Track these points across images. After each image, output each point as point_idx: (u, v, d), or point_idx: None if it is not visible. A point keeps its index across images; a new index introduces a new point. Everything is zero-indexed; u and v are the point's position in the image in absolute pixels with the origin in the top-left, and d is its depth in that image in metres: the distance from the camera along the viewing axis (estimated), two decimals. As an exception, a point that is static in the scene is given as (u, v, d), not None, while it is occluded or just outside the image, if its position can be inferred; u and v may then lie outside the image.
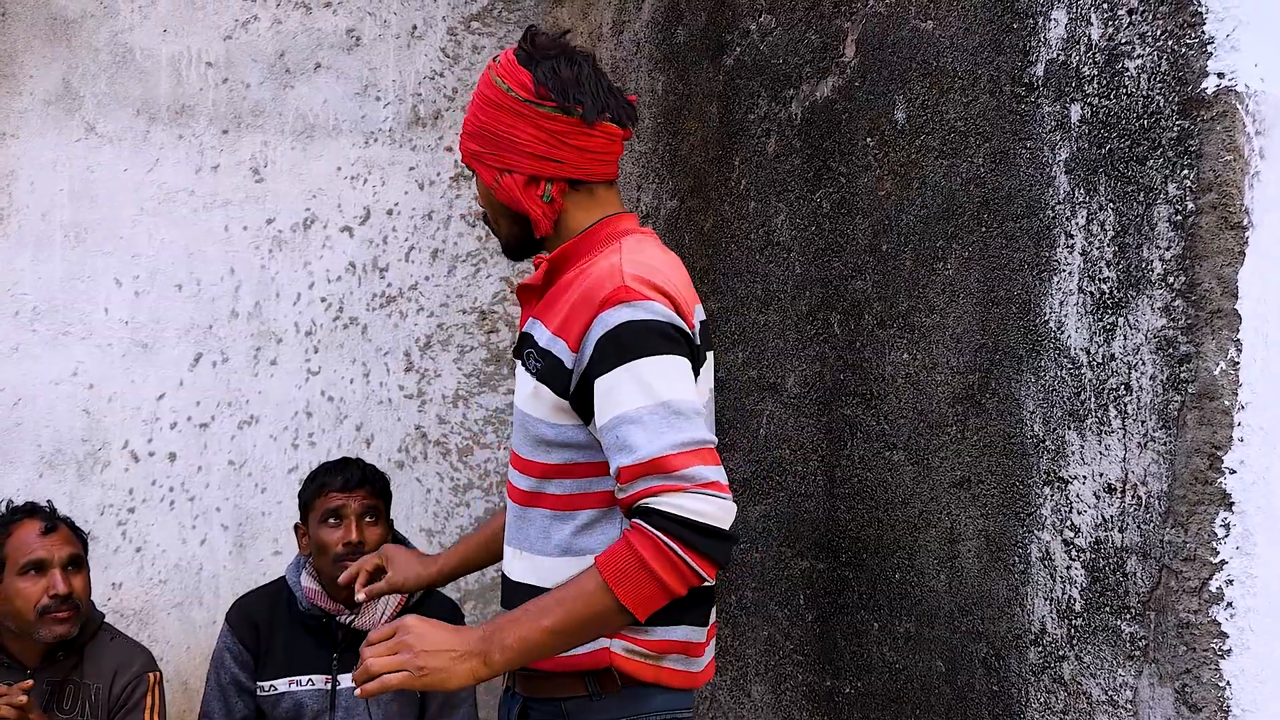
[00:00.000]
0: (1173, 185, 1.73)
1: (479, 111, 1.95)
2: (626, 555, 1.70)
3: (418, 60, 3.91)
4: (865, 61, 2.42)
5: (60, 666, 2.68)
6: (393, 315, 3.88)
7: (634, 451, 1.71)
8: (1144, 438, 1.77)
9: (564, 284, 1.90)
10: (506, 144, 1.91)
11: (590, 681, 1.88)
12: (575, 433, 1.85)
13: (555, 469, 1.88)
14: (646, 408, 1.73)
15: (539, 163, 1.90)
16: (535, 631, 1.73)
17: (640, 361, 1.75)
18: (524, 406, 1.90)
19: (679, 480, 1.70)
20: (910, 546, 2.26)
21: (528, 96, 1.90)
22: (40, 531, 2.65)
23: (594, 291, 1.80)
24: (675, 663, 1.92)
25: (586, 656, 1.86)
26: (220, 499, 3.73)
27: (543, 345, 1.87)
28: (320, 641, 2.90)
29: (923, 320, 2.24)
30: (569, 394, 1.82)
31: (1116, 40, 1.83)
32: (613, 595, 1.70)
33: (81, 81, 3.62)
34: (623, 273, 1.81)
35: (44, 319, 3.59)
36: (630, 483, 1.72)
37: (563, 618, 1.72)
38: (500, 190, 1.92)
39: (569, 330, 1.82)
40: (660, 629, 1.89)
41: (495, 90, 1.93)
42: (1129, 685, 1.79)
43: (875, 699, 2.35)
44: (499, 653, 1.73)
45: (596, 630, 1.77)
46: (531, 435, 1.89)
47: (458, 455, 3.92)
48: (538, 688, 1.92)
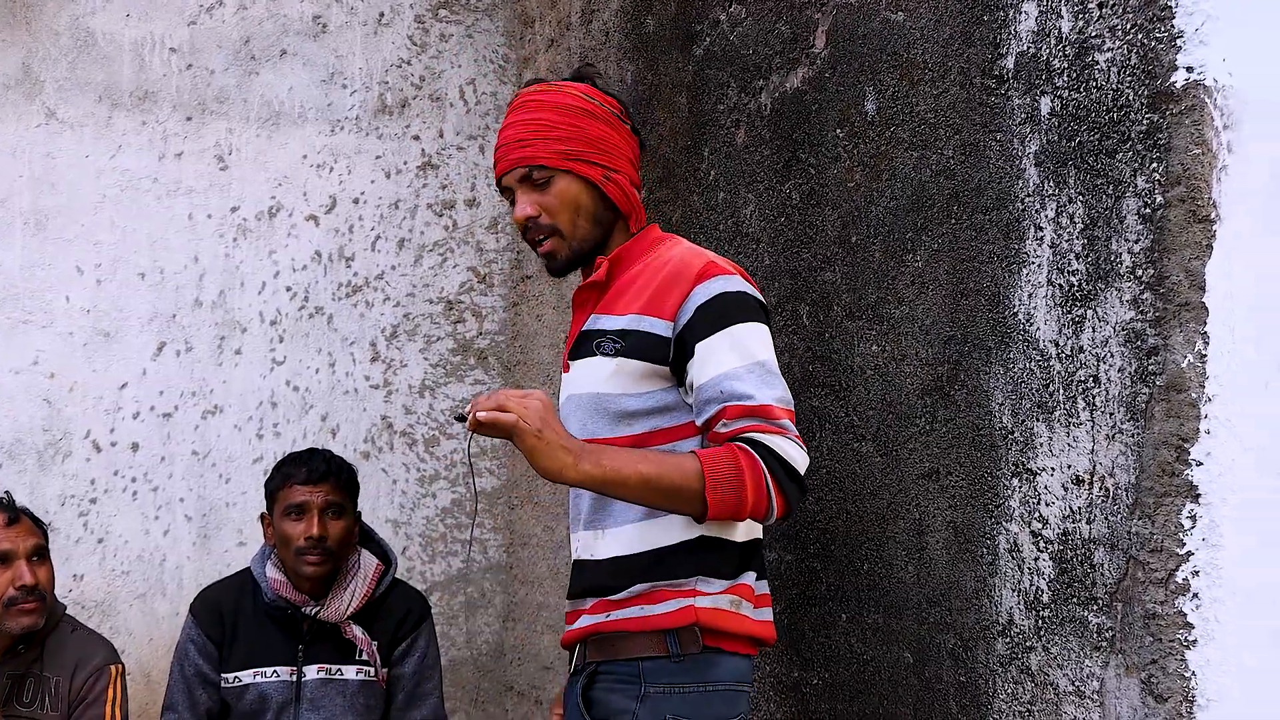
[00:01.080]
0: (1141, 178, 1.74)
1: (577, 119, 2.08)
2: (729, 463, 1.88)
3: (385, 48, 3.88)
4: (835, 53, 2.42)
5: (21, 659, 2.66)
6: (359, 305, 3.86)
7: (743, 398, 1.91)
8: (1112, 430, 1.78)
9: (628, 280, 2.06)
10: (610, 149, 2.10)
11: (672, 641, 1.96)
12: (663, 395, 2.00)
13: (638, 439, 2.00)
14: (745, 366, 1.93)
15: (631, 169, 2.13)
16: (628, 467, 1.89)
17: (737, 327, 1.96)
18: (598, 387, 2.02)
19: (780, 427, 1.91)
20: (879, 538, 2.27)
21: (618, 113, 2.13)
22: (3, 523, 2.63)
23: (684, 270, 2.00)
24: (749, 610, 2.02)
25: (673, 614, 1.96)
26: (184, 489, 3.70)
27: (620, 328, 2.01)
28: (285, 633, 2.88)
29: (892, 312, 2.24)
30: (668, 359, 1.98)
31: (1087, 33, 1.83)
32: (703, 484, 1.88)
33: (42, 66, 3.58)
34: (707, 254, 2.05)
35: (3, 307, 3.55)
36: (736, 419, 1.91)
37: (655, 473, 1.89)
38: (610, 186, 2.09)
39: (660, 306, 1.99)
40: (736, 577, 2.01)
41: (589, 104, 2.10)
42: (1096, 676, 1.81)
43: (843, 690, 2.36)
44: (591, 465, 1.88)
45: (670, 501, 1.92)
46: (613, 412, 2.01)
47: (424, 446, 3.91)
48: (617, 649, 2.00)
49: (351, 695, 2.88)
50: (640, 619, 1.98)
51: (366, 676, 2.89)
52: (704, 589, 1.98)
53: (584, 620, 2.06)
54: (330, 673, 2.88)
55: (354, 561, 2.91)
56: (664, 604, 1.98)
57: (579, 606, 2.09)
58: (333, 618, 2.85)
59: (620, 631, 2.00)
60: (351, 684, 2.89)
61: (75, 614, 2.98)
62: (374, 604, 2.90)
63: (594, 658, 2.04)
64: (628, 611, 2.00)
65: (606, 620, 2.02)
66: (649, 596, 1.99)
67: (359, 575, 2.89)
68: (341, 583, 2.87)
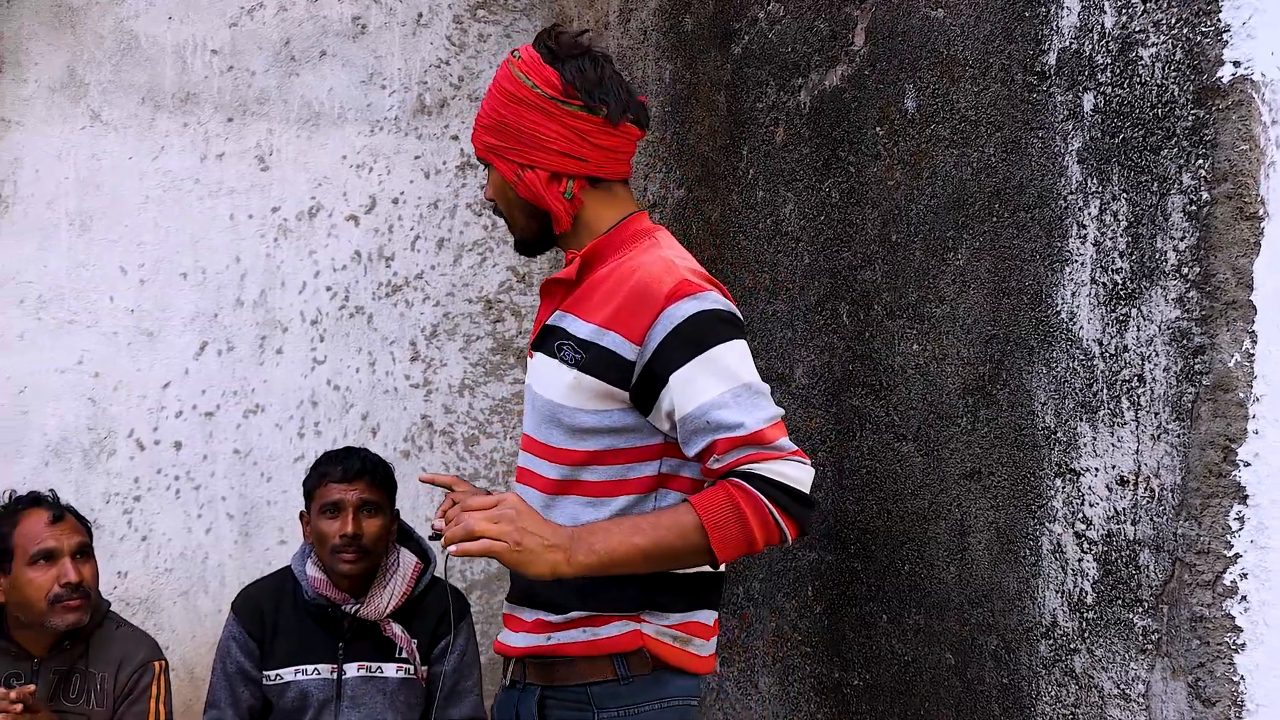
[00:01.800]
0: (1187, 175, 1.72)
1: (499, 106, 1.94)
2: (726, 505, 1.79)
3: (423, 48, 3.90)
4: (875, 50, 2.40)
5: (67, 656, 2.69)
6: (398, 304, 3.87)
7: (733, 429, 1.81)
8: (1157, 430, 1.76)
9: (598, 279, 1.93)
10: (529, 139, 1.92)
11: (620, 664, 1.90)
12: (621, 416, 1.89)
13: (593, 455, 1.90)
14: (730, 391, 1.83)
15: (562, 159, 1.93)
16: (624, 545, 1.79)
17: (715, 350, 1.84)
18: (557, 397, 1.91)
19: (774, 450, 1.82)
20: (920, 538, 2.25)
21: (554, 94, 1.91)
22: (48, 521, 2.66)
23: (653, 286, 1.86)
24: (697, 647, 1.96)
25: (620, 639, 1.89)
26: (226, 488, 3.73)
27: (583, 337, 1.89)
28: (326, 631, 2.90)
29: (933, 310, 2.23)
30: (630, 384, 1.86)
31: (1130, 28, 1.81)
32: (706, 537, 1.79)
33: (87, 69, 3.61)
34: (678, 267, 1.89)
35: (49, 307, 3.59)
36: (727, 453, 1.81)
37: (654, 541, 1.80)
38: (521, 186, 1.95)
39: (625, 324, 1.86)
40: (687, 613, 1.93)
41: (519, 86, 1.92)
42: (1141, 679, 1.79)
43: (884, 691, 2.35)
44: (584, 554, 1.78)
45: (675, 562, 1.84)
46: (566, 424, 1.91)
47: (464, 445, 3.92)
48: (563, 675, 1.92)
49: (391, 693, 2.90)
50: (584, 643, 1.91)
51: (406, 674, 2.91)
52: (650, 619, 1.91)
53: (523, 639, 1.97)
54: (370, 670, 2.90)
55: (393, 560, 2.92)
56: (608, 627, 1.90)
57: (516, 613, 2.00)
58: (372, 615, 2.86)
59: (563, 656, 1.92)
60: (391, 681, 2.90)
61: (119, 610, 3.01)
62: (413, 602, 2.91)
63: (536, 680, 1.96)
64: (569, 635, 1.92)
65: (547, 643, 1.93)
66: (592, 620, 1.91)
67: (398, 573, 2.91)
68: (381, 581, 2.89)
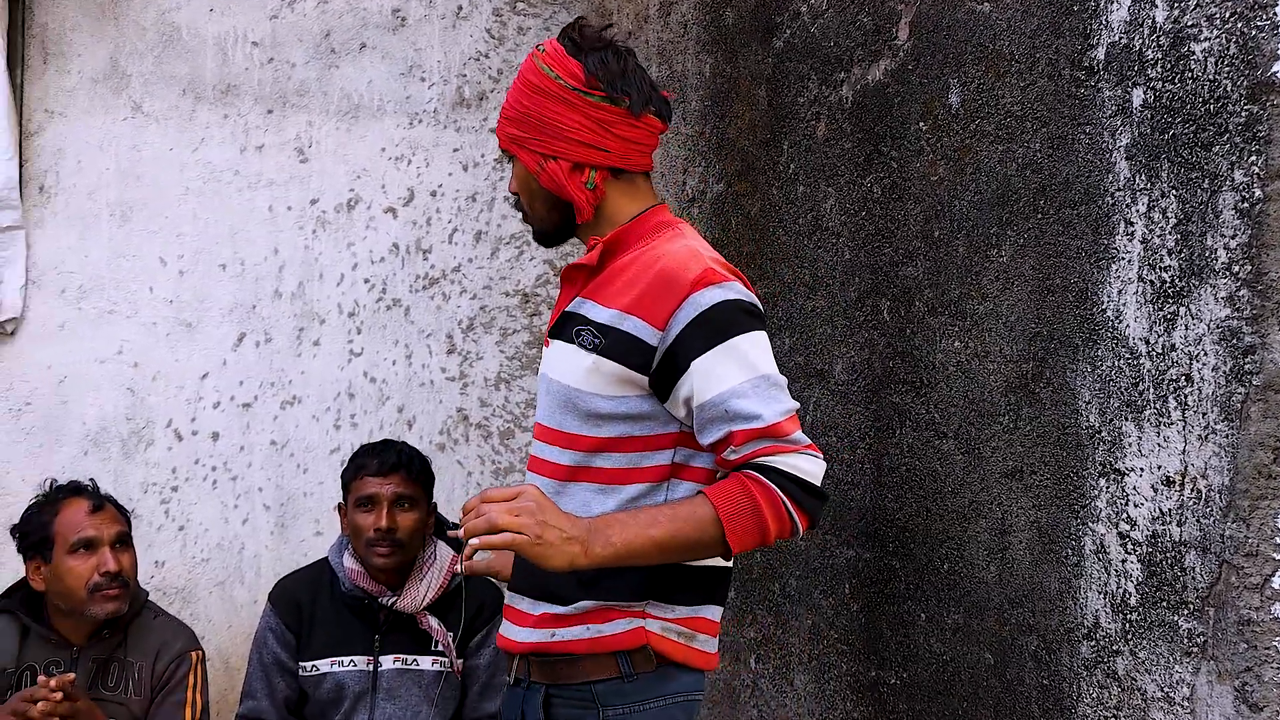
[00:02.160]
0: (1239, 172, 1.70)
1: (523, 97, 1.97)
2: (742, 497, 1.81)
3: (463, 41, 3.91)
4: (919, 44, 2.40)
5: (105, 644, 2.71)
6: (435, 297, 3.89)
7: (750, 420, 1.82)
8: (1205, 430, 1.75)
9: (620, 266, 1.94)
10: (552, 130, 1.94)
11: (624, 661, 1.90)
12: (638, 403, 1.89)
13: (607, 442, 1.91)
14: (750, 381, 1.84)
15: (585, 150, 1.95)
16: (640, 538, 1.80)
17: (737, 339, 1.85)
18: (573, 381, 1.92)
19: (790, 443, 1.84)
20: (960, 537, 2.25)
21: (577, 85, 1.93)
22: (88, 510, 2.68)
23: (678, 273, 1.87)
24: (701, 643, 1.96)
25: (624, 636, 1.90)
26: (263, 479, 3.76)
27: (603, 322, 1.90)
28: (363, 622, 2.91)
29: (975, 307, 2.22)
30: (650, 369, 1.87)
31: (1182, 23, 1.80)
32: (721, 529, 1.80)
33: (129, 60, 3.64)
34: (704, 256, 1.91)
35: (89, 297, 3.62)
36: (744, 444, 1.83)
37: (670, 533, 1.80)
38: (544, 176, 1.97)
39: (648, 309, 1.87)
40: (693, 607, 1.93)
41: (542, 77, 1.95)
42: (1186, 682, 1.77)
43: (922, 691, 2.34)
44: (601, 546, 1.78)
45: (689, 553, 1.85)
46: (581, 410, 1.91)
47: (499, 438, 3.93)
48: (567, 674, 1.92)
49: (427, 685, 2.91)
50: (588, 640, 1.90)
51: (442, 667, 2.92)
52: (655, 613, 1.91)
53: (527, 635, 1.96)
54: (406, 663, 2.91)
55: (430, 553, 2.93)
56: (613, 623, 1.90)
57: (519, 604, 1.99)
58: (409, 608, 2.87)
59: (566, 654, 1.92)
60: (427, 674, 2.92)
61: (157, 600, 3.04)
62: (450, 595, 2.92)
63: (540, 679, 1.95)
64: (574, 631, 1.91)
65: (552, 640, 1.93)
66: (596, 615, 1.90)
67: (435, 567, 2.92)
68: (418, 574, 2.90)
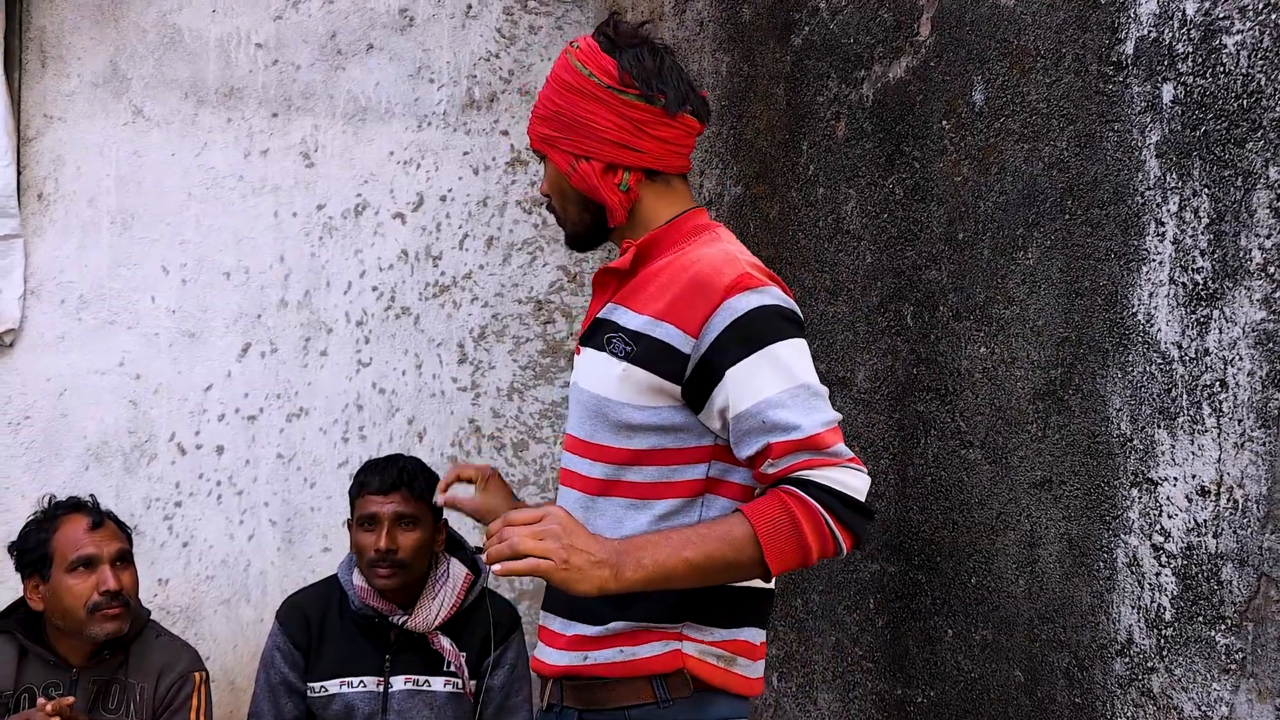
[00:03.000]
0: (1274, 169, 1.70)
1: (555, 95, 1.95)
2: (780, 515, 1.77)
3: (473, 41, 3.93)
4: (941, 40, 2.40)
5: (106, 665, 2.72)
6: (446, 305, 3.90)
7: (789, 431, 1.78)
8: (1241, 437, 1.74)
9: (653, 271, 1.92)
10: (585, 130, 1.92)
11: (659, 686, 1.87)
12: (669, 414, 1.86)
13: (638, 455, 1.88)
14: (788, 390, 1.80)
15: (618, 150, 1.92)
16: (673, 559, 1.76)
17: (775, 346, 1.81)
18: (604, 391, 1.89)
19: (831, 455, 1.80)
20: (987, 550, 2.25)
21: (611, 83, 1.91)
22: (88, 527, 2.69)
23: (712, 278, 1.83)
24: (742, 668, 1.92)
25: (659, 659, 1.87)
26: (269, 493, 3.77)
27: (634, 329, 1.88)
28: (373, 642, 2.92)
29: (1001, 312, 2.22)
30: (683, 378, 1.84)
31: (1214, 15, 1.80)
32: (759, 549, 1.76)
33: (129, 63, 3.67)
34: (740, 260, 1.87)
35: (90, 307, 3.64)
36: (782, 458, 1.79)
37: (705, 554, 1.77)
38: (576, 176, 1.94)
39: (681, 315, 1.84)
40: (732, 629, 1.90)
41: (575, 75, 1.93)
42: (1224, 700, 1.77)
43: (950, 709, 2.34)
44: (632, 570, 1.75)
45: (726, 575, 1.81)
46: (612, 420, 1.89)
47: (512, 450, 3.94)
48: (601, 699, 1.90)
49: (439, 707, 2.91)
50: (622, 664, 1.88)
51: (454, 688, 2.92)
52: (692, 635, 1.88)
53: (559, 657, 1.94)
54: (418, 684, 2.92)
55: (443, 571, 2.94)
56: (647, 645, 1.88)
57: (552, 625, 1.97)
58: (420, 628, 2.88)
59: (599, 678, 1.89)
60: (439, 696, 2.92)
61: (160, 619, 3.05)
62: (463, 614, 2.93)
63: (573, 703, 1.93)
64: (607, 654, 1.89)
65: (585, 664, 1.90)
66: (629, 637, 1.88)
67: (448, 585, 2.92)
68: (430, 592, 2.90)
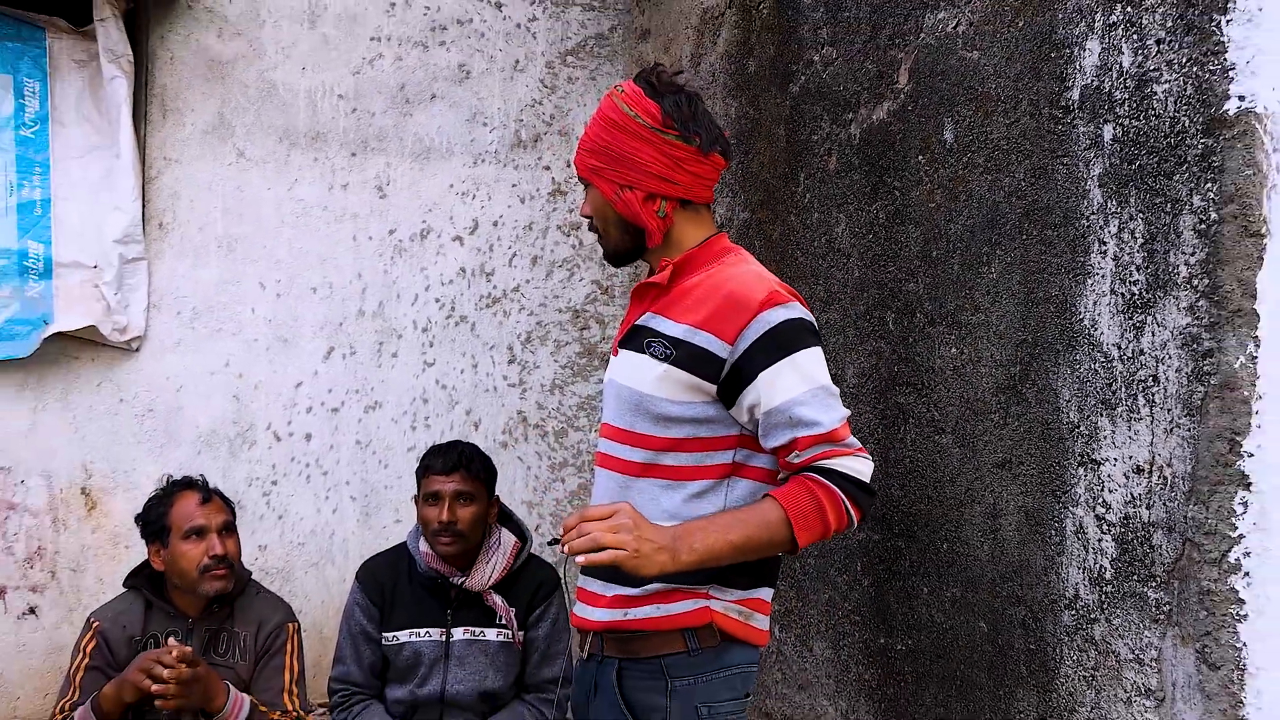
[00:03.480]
0: (1197, 197, 1.71)
1: (603, 132, 1.94)
2: (808, 500, 1.79)
3: (519, 90, 3.93)
4: (917, 87, 2.40)
5: (216, 617, 2.75)
6: (498, 314, 3.91)
7: (813, 426, 1.80)
8: (1170, 424, 1.75)
9: (688, 287, 1.91)
10: (629, 163, 1.92)
11: (690, 637, 1.87)
12: (704, 408, 1.86)
13: (675, 443, 1.88)
14: (810, 391, 1.81)
15: (658, 182, 1.92)
16: (720, 543, 1.78)
17: (799, 354, 1.83)
18: (645, 388, 1.89)
19: (845, 446, 1.82)
20: (957, 520, 2.25)
21: (654, 124, 1.91)
22: (198, 502, 2.72)
23: (747, 295, 1.84)
24: (758, 622, 1.93)
25: (690, 615, 1.87)
26: (349, 474, 3.78)
27: (675, 336, 1.87)
28: (436, 599, 2.93)
29: (969, 318, 2.22)
30: (719, 379, 1.84)
31: (1146, 67, 1.80)
32: (790, 530, 1.79)
33: (233, 113, 3.69)
34: (769, 280, 1.88)
35: (201, 318, 3.66)
36: (807, 449, 1.81)
37: (746, 537, 1.79)
38: (620, 203, 1.93)
39: (718, 326, 1.84)
40: (750, 589, 1.91)
41: (622, 116, 1.92)
42: (1154, 645, 1.77)
43: (924, 655, 2.34)
44: (686, 553, 1.77)
45: (761, 552, 1.82)
46: (652, 413, 1.88)
47: (554, 437, 3.95)
48: (638, 649, 1.90)
49: (493, 654, 2.93)
50: (657, 619, 1.88)
51: (505, 638, 2.93)
52: (717, 594, 1.89)
53: (602, 614, 1.93)
54: (475, 634, 2.92)
55: (495, 539, 2.95)
56: (680, 603, 1.88)
57: (592, 587, 1.96)
58: (476, 587, 2.89)
59: (638, 631, 1.89)
60: (493, 644, 2.93)
61: (259, 579, 3.06)
62: (512, 576, 2.94)
63: (613, 653, 1.93)
64: (644, 610, 1.89)
65: (625, 619, 1.90)
66: (664, 596, 1.88)
67: (499, 551, 2.93)
68: (484, 557, 2.91)
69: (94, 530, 3.54)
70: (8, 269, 3.48)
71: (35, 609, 3.51)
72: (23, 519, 3.50)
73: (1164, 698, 1.76)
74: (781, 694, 2.97)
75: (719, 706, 1.88)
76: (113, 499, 3.56)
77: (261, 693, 2.71)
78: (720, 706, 1.88)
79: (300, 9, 3.76)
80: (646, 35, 3.94)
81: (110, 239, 3.53)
